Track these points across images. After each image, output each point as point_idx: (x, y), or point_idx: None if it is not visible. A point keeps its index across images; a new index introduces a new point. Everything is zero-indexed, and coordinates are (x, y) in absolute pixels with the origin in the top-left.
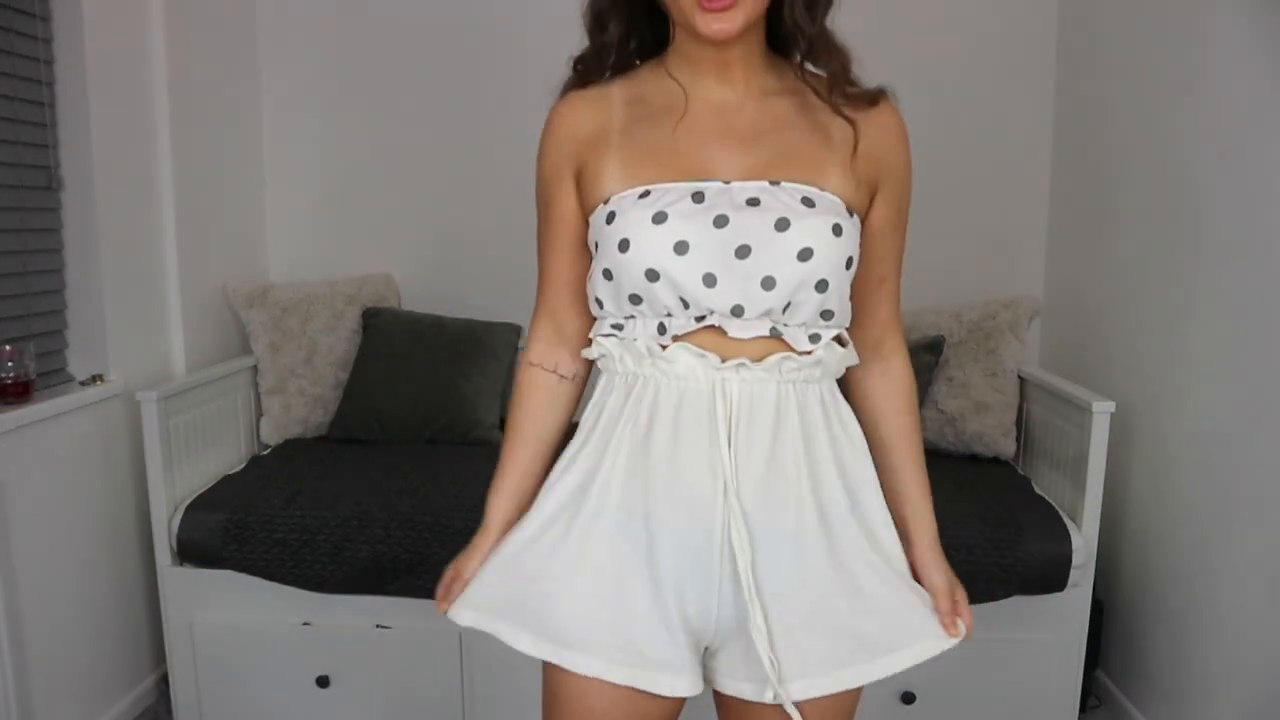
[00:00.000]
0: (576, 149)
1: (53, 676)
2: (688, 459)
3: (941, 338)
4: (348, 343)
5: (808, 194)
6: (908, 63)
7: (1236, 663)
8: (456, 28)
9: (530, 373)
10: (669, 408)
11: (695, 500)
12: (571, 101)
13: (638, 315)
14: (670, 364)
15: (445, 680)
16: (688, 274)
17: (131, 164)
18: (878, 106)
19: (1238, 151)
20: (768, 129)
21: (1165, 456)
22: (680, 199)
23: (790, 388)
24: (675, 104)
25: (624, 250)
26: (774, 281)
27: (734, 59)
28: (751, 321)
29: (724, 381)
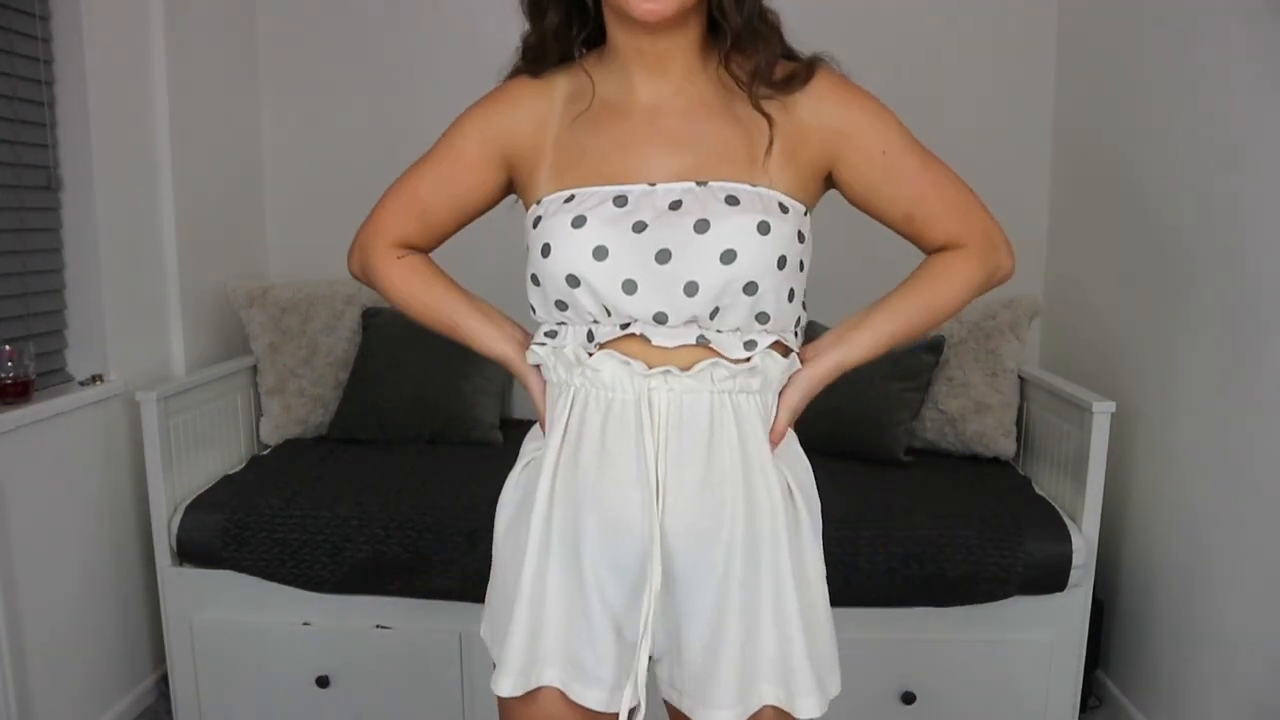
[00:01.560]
0: (512, 144)
1: (53, 676)
2: (614, 474)
3: (941, 338)
4: (348, 343)
5: (733, 192)
6: (908, 62)
7: (1237, 663)
8: (457, 28)
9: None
10: (596, 418)
11: (621, 519)
12: (520, 88)
13: (567, 322)
14: (596, 372)
15: (445, 680)
16: (607, 280)
17: (131, 164)
18: (812, 80)
19: (1238, 151)
20: (701, 128)
21: (1165, 456)
22: (602, 203)
23: (726, 399)
24: (611, 102)
25: (545, 255)
26: (696, 286)
27: (669, 51)
28: (677, 329)
29: (650, 391)
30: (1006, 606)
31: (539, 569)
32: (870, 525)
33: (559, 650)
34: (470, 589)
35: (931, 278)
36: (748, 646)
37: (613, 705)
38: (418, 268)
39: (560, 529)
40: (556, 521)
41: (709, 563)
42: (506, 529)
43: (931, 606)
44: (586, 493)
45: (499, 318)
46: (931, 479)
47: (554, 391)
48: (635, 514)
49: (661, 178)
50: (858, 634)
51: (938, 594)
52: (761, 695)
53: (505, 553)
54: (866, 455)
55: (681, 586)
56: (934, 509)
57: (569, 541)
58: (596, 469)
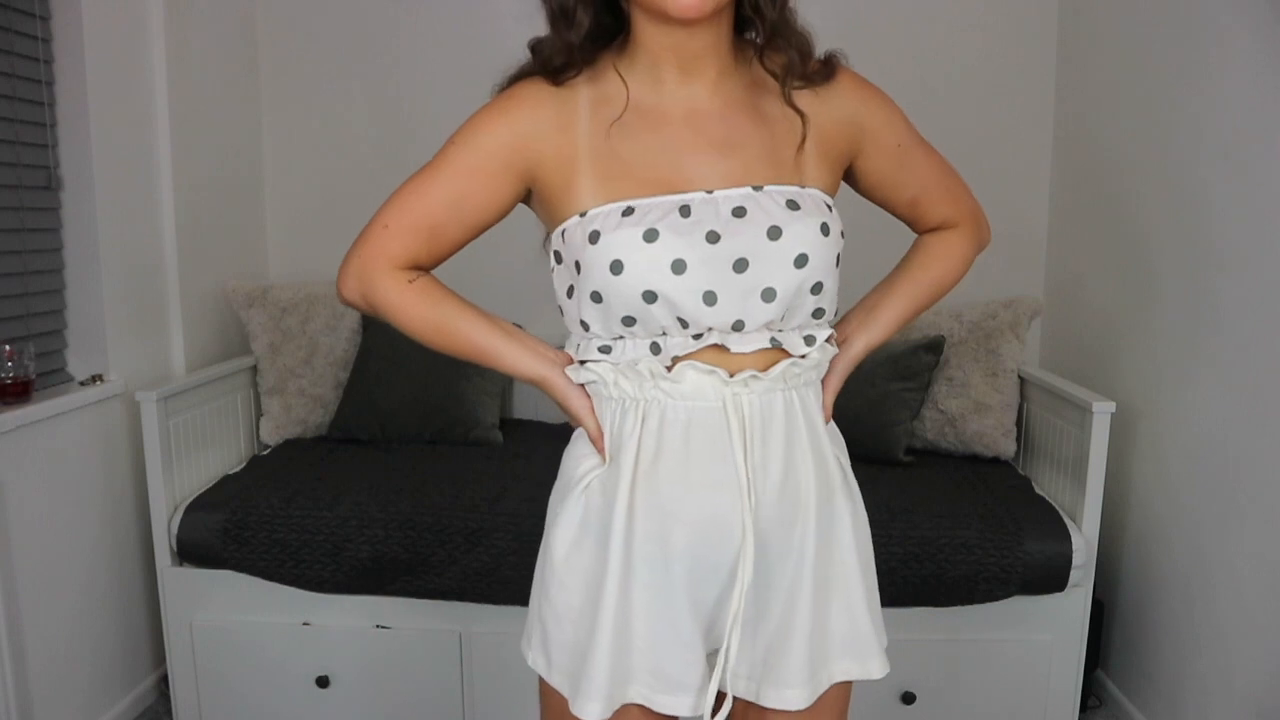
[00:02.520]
0: (535, 147)
1: (53, 676)
2: (704, 481)
3: (941, 338)
4: (348, 343)
5: (792, 196)
6: (908, 62)
7: (1237, 662)
8: (457, 28)
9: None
10: (677, 429)
11: (715, 525)
12: (539, 92)
13: (628, 336)
14: (676, 384)
15: (445, 680)
16: (687, 294)
17: (131, 164)
18: (831, 83)
19: (1238, 151)
20: (742, 130)
21: (1166, 456)
22: (667, 214)
23: (794, 394)
24: (644, 107)
25: (617, 272)
26: (774, 292)
27: (702, 49)
28: (752, 334)
29: (735, 397)
30: (1006, 606)
31: (623, 591)
32: (870, 525)
33: (643, 665)
34: (470, 589)
35: (935, 258)
36: (817, 627)
37: (698, 709)
38: (431, 291)
39: (643, 547)
40: (639, 540)
41: (788, 549)
42: (568, 553)
43: (931, 606)
44: (674, 504)
45: (526, 337)
46: (931, 479)
47: (613, 407)
48: (729, 517)
49: (715, 184)
50: None
51: (938, 594)
52: (832, 674)
53: (568, 577)
54: (866, 455)
55: (762, 575)
56: (934, 509)
57: (655, 557)
58: (684, 480)
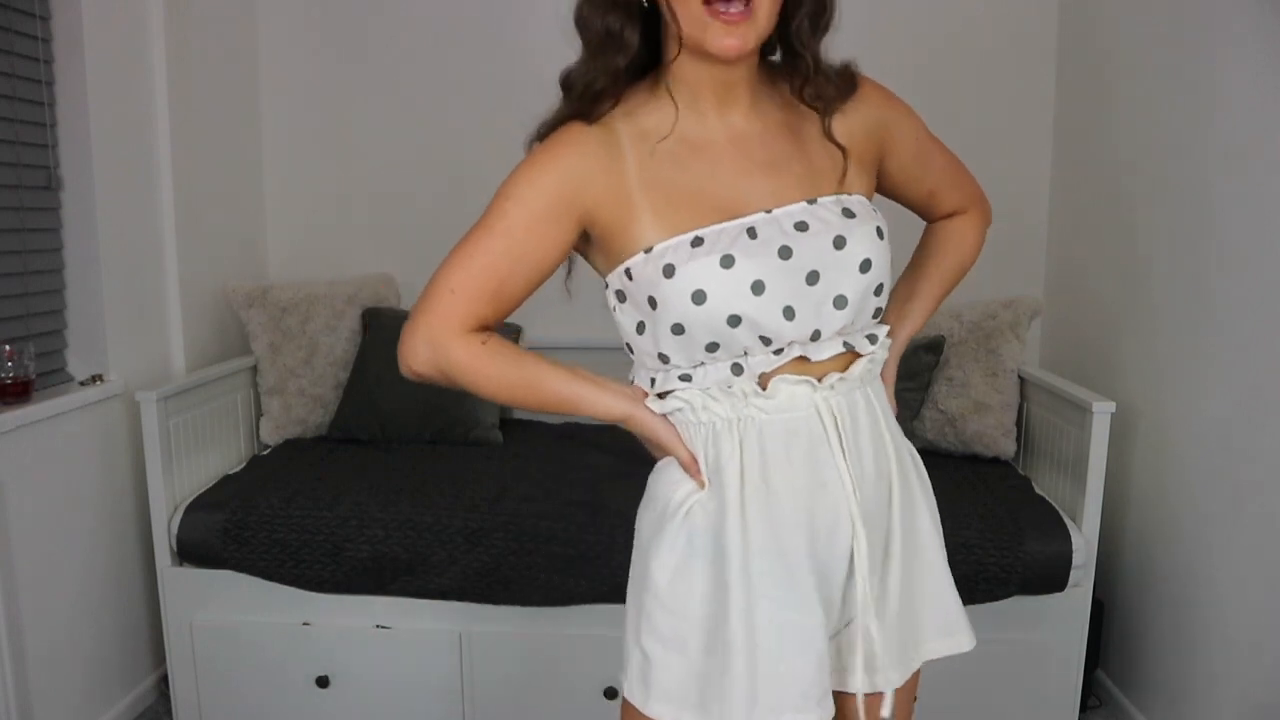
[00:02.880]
0: (587, 192)
1: (53, 676)
2: (808, 484)
3: (941, 338)
4: (348, 343)
5: (846, 205)
6: (908, 62)
7: (1237, 663)
8: (457, 28)
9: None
10: (778, 441)
11: (831, 522)
12: (583, 137)
13: (709, 361)
14: (770, 399)
15: (445, 680)
16: (768, 312)
17: (131, 164)
18: (854, 96)
19: (1238, 151)
20: (782, 150)
21: (1165, 456)
22: (737, 238)
23: (869, 389)
24: (688, 137)
25: (699, 302)
26: (845, 300)
27: (738, 80)
28: (828, 342)
29: (825, 400)
30: (1006, 606)
31: (748, 611)
32: None
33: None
34: (470, 589)
35: (952, 245)
36: (905, 608)
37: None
38: (505, 350)
39: (761, 562)
40: (755, 555)
41: (879, 539)
42: (672, 579)
43: None
44: (789, 513)
45: (602, 379)
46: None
47: (704, 432)
48: (841, 512)
49: (769, 203)
50: None
51: None
52: (923, 653)
53: (676, 604)
54: None
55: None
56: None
57: (777, 570)
58: (791, 488)
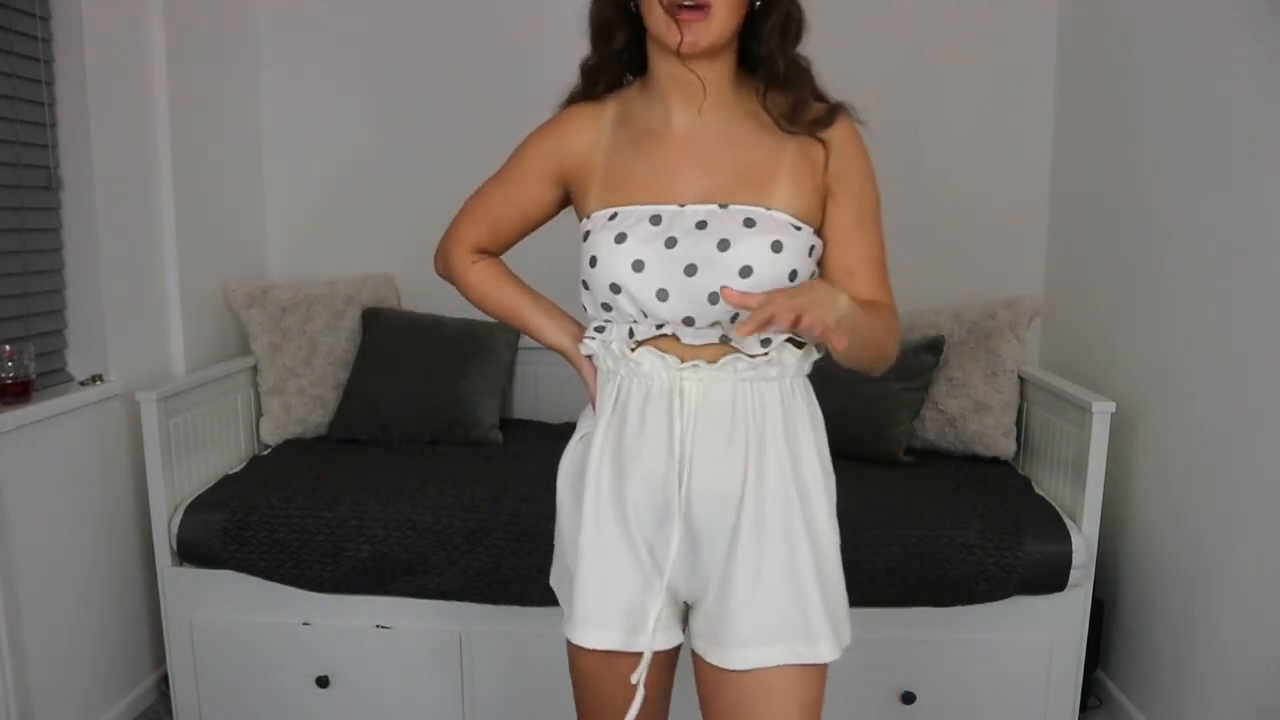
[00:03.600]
0: (567, 165)
1: (53, 676)
2: (651, 447)
3: (941, 338)
4: (348, 343)
5: (750, 215)
6: (908, 62)
7: (1237, 662)
8: (456, 28)
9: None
10: (637, 402)
11: (656, 484)
12: (574, 119)
13: (611, 320)
14: (638, 364)
15: (445, 680)
16: (643, 289)
17: (131, 164)
18: (832, 128)
19: (1238, 151)
20: (725, 153)
21: (1165, 456)
22: (640, 221)
23: (747, 386)
24: (652, 129)
25: (593, 266)
26: (718, 297)
27: (705, 81)
28: (703, 330)
29: (682, 381)
30: (1006, 606)
31: (596, 531)
32: (870, 525)
33: (619, 606)
34: (470, 589)
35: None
36: (757, 600)
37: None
38: (490, 271)
39: (609, 495)
40: (605, 489)
41: (723, 523)
42: (566, 492)
43: (931, 606)
44: (629, 463)
45: (559, 314)
46: (931, 479)
47: (603, 378)
48: (665, 482)
49: (690, 199)
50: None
51: (938, 594)
52: (772, 655)
53: (564, 513)
54: (866, 455)
55: (704, 543)
56: (934, 509)
57: (618, 506)
58: (636, 444)
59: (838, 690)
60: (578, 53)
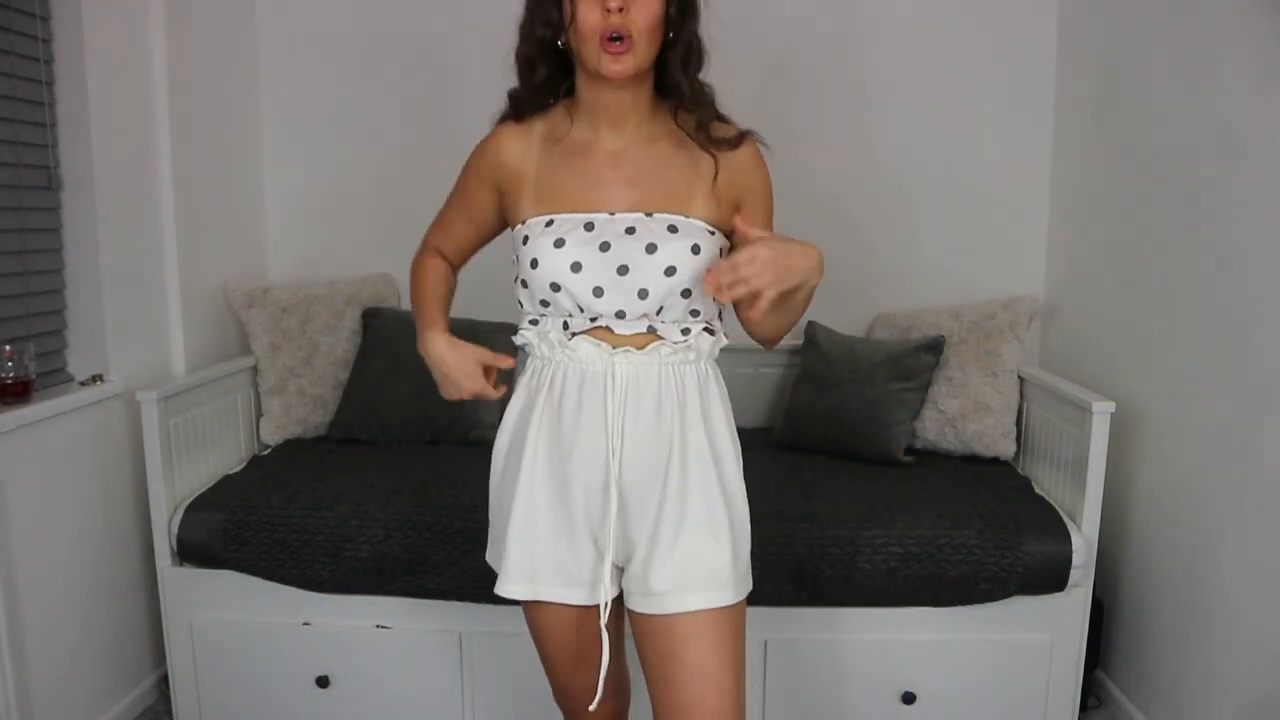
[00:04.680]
0: (501, 173)
1: (53, 676)
2: (588, 423)
3: (941, 338)
4: (348, 343)
5: (673, 222)
6: (909, 62)
7: (1237, 663)
8: (457, 29)
9: (427, 257)
10: (574, 385)
11: (593, 454)
12: (504, 133)
13: (548, 314)
14: (574, 351)
15: (445, 680)
16: (581, 287)
17: (131, 164)
18: (740, 147)
19: (1238, 151)
20: (648, 170)
21: (1165, 457)
22: (575, 228)
23: (670, 368)
24: (579, 145)
25: (534, 268)
26: (647, 293)
27: (627, 105)
28: (633, 321)
29: (614, 365)
30: (1006, 606)
31: (529, 496)
32: (870, 525)
33: (551, 563)
34: (470, 589)
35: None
36: (677, 553)
37: (591, 599)
38: (426, 271)
39: (547, 466)
40: (541, 461)
41: (651, 488)
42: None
43: (931, 606)
44: (568, 439)
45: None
46: (931, 479)
47: (538, 364)
48: (602, 453)
49: (619, 208)
50: (858, 634)
51: (938, 594)
52: (693, 601)
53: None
54: (866, 455)
55: (633, 507)
56: (934, 509)
57: (556, 475)
58: (574, 421)
59: (838, 690)
60: None
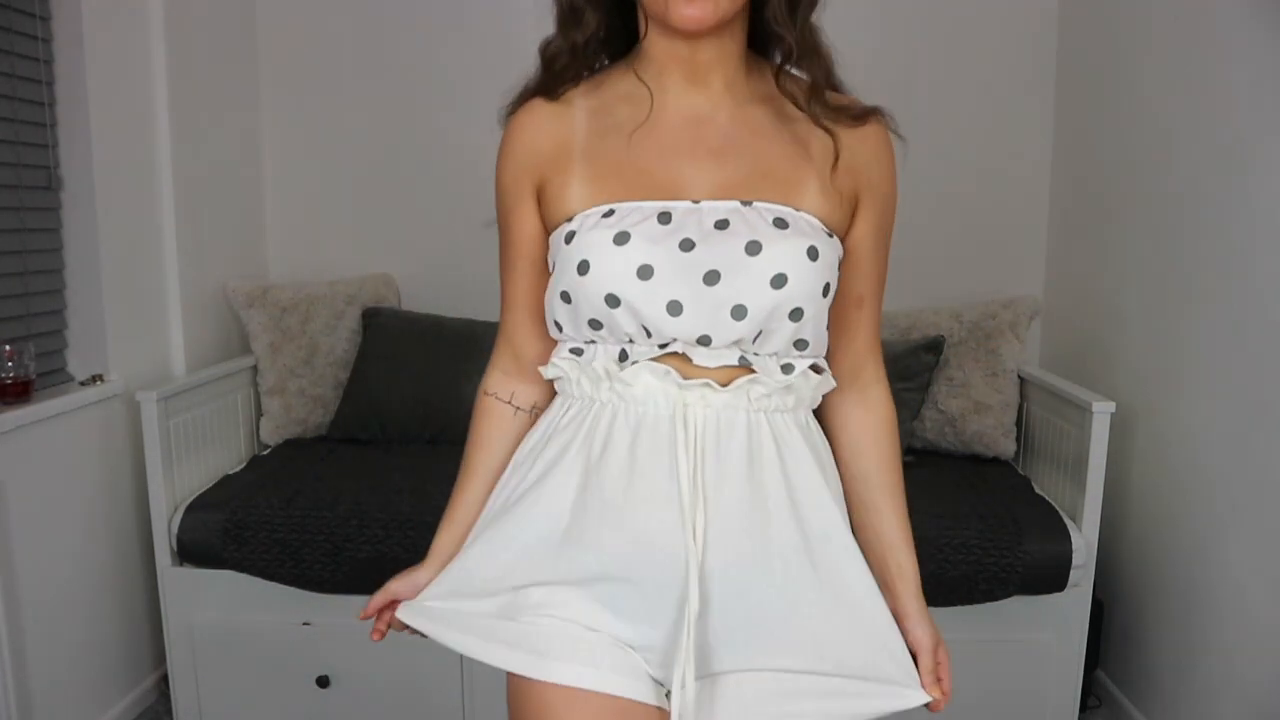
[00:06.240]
0: (536, 164)
1: (53, 676)
2: (646, 493)
3: (941, 338)
4: (348, 343)
5: (781, 214)
6: (909, 62)
7: (1237, 662)
8: (457, 28)
9: (485, 402)
10: (624, 434)
11: (654, 540)
12: (531, 111)
13: (598, 340)
14: (628, 386)
15: (445, 680)
16: (650, 301)
17: (131, 164)
18: (866, 124)
19: (1238, 151)
20: (742, 141)
21: (1165, 456)
22: (645, 219)
23: (763, 417)
24: (643, 113)
25: (583, 273)
26: (745, 310)
27: (709, 60)
28: (719, 350)
29: (686, 407)
30: (1006, 606)
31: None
32: None
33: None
34: None
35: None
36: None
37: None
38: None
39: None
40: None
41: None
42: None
43: (931, 606)
44: (612, 513)
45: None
46: (931, 479)
47: (569, 407)
48: (670, 534)
49: (703, 194)
50: None
51: (938, 594)
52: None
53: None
54: None
55: (717, 613)
56: (934, 509)
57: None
58: (625, 489)
59: None
60: None
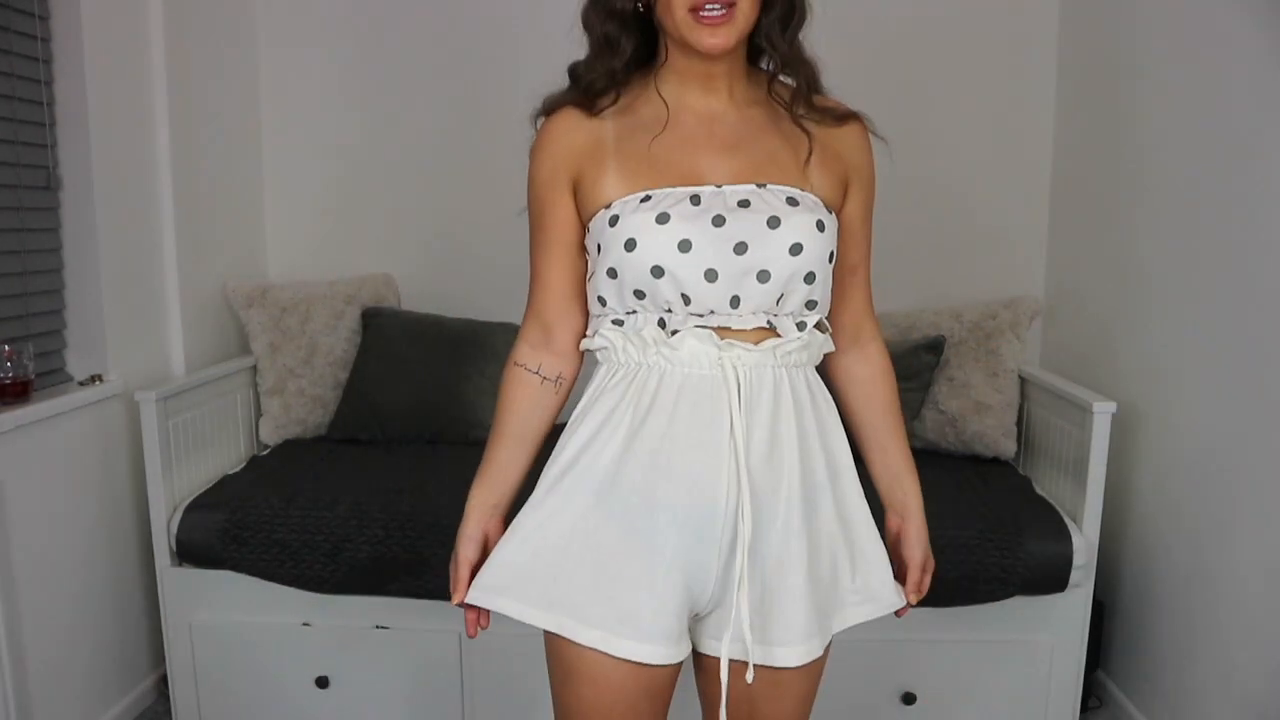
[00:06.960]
0: (574, 159)
1: (52, 676)
2: (690, 437)
3: (941, 338)
4: (347, 343)
5: (791, 194)
6: (909, 62)
7: (1238, 663)
8: (456, 28)
9: (514, 372)
10: (670, 391)
11: (698, 475)
12: (566, 116)
13: (639, 310)
14: (675, 350)
15: (445, 680)
16: (691, 270)
17: (130, 164)
18: (845, 125)
19: (1238, 151)
20: (749, 136)
21: (1166, 457)
22: (680, 201)
23: (784, 371)
24: (664, 114)
25: (630, 249)
26: (769, 275)
27: (721, 71)
28: (746, 315)
29: (725, 365)
30: (1006, 607)
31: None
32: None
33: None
34: None
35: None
36: (813, 593)
37: (671, 658)
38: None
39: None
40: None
41: (771, 516)
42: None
43: (931, 606)
44: (663, 460)
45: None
46: (931, 479)
47: (621, 374)
48: (722, 476)
49: (723, 179)
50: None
51: (938, 594)
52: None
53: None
54: None
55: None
56: (934, 509)
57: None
58: (671, 438)
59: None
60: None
